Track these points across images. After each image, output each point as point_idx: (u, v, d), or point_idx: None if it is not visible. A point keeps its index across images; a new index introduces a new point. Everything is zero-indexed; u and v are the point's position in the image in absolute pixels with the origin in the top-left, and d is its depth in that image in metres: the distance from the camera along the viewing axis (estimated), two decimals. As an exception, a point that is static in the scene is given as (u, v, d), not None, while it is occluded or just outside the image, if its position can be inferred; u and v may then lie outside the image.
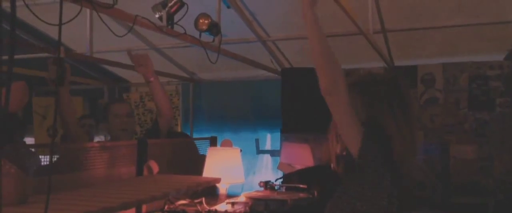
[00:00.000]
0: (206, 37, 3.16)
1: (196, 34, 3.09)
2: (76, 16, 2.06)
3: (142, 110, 5.15)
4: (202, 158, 3.01)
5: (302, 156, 3.47)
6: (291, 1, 3.58)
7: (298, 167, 3.38)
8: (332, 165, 1.87)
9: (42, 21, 1.83)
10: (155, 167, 2.26)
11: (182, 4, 2.88)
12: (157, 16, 2.87)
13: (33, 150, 2.89)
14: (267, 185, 2.82)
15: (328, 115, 1.74)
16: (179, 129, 5.06)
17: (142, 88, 5.22)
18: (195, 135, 4.81)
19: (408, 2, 3.52)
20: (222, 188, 2.85)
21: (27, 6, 1.79)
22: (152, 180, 2.11)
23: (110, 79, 5.30)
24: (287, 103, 3.75)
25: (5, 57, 0.78)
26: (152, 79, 2.97)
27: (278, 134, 4.53)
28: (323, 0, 3.17)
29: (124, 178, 2.15)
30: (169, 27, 2.87)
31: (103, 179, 2.06)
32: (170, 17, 2.88)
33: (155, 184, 1.98)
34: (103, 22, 2.30)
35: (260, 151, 4.70)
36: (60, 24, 1.24)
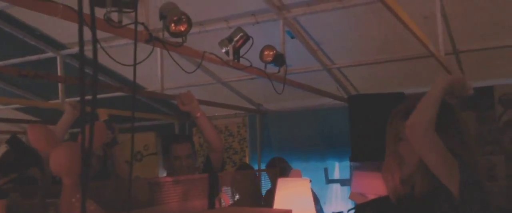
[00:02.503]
0: (272, 68, 3.19)
1: (261, 66, 3.13)
2: (149, 55, 2.16)
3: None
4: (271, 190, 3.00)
5: (374, 185, 3.35)
6: (355, 27, 3.56)
7: (371, 196, 3.27)
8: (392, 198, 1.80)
9: (117, 62, 1.93)
10: (226, 200, 2.27)
11: (247, 38, 2.94)
12: (223, 51, 2.95)
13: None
14: (339, 216, 2.75)
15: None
16: (247, 161, 5.09)
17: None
18: (263, 166, 4.81)
19: (480, 21, 3.38)
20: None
21: (103, 49, 1.89)
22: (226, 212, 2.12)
23: (180, 114, 5.47)
24: (355, 131, 3.67)
25: (87, 97, 0.83)
26: (198, 114, 2.97)
27: (347, 163, 4.42)
28: (391, 24, 3.14)
29: (197, 211, 2.18)
30: (236, 60, 2.94)
31: (177, 212, 2.10)
32: (236, 51, 2.95)
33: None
34: (174, 60, 2.39)
35: (330, 181, 4.61)
36: (134, 64, 1.30)
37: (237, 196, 2.87)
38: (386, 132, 1.80)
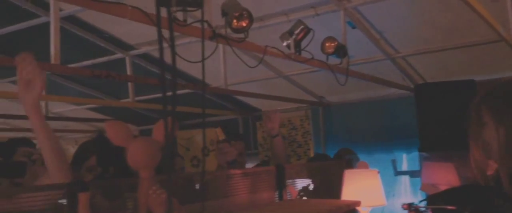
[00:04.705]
0: (333, 60, 3.17)
1: (323, 58, 3.11)
2: (214, 52, 2.22)
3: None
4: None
5: (446, 176, 3.25)
6: (418, 14, 3.45)
7: (443, 187, 3.16)
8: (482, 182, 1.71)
9: (185, 60, 1.99)
10: (293, 192, 2.29)
11: (308, 30, 2.94)
12: (284, 44, 2.95)
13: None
14: (411, 207, 2.68)
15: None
16: (311, 155, 5.08)
17: (274, 116, 5.37)
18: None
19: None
20: (363, 212, 2.78)
21: (170, 47, 1.96)
22: (293, 204, 2.14)
23: (244, 109, 5.54)
24: (423, 121, 3.56)
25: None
26: (276, 134, 3.08)
27: (415, 154, 4.30)
28: (457, 8, 3.02)
29: (266, 203, 2.21)
30: (297, 53, 2.94)
31: (246, 204, 2.14)
32: (297, 44, 2.95)
33: (296, 209, 2.00)
34: (237, 55, 2.43)
35: (398, 173, 4.50)
36: (203, 60, 1.34)
37: (306, 188, 2.88)
38: (458, 120, 1.72)
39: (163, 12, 1.13)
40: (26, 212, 1.49)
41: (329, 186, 3.05)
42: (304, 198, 2.75)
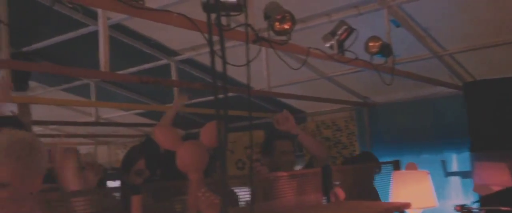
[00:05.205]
0: (377, 59, 3.12)
1: (366, 57, 3.07)
2: (257, 55, 2.23)
3: (319, 139, 5.25)
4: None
5: (499, 176, 3.14)
6: (465, 10, 3.34)
7: (496, 188, 3.06)
8: None
9: (230, 64, 2.01)
10: (341, 194, 2.27)
11: (351, 30, 2.90)
12: (327, 45, 2.93)
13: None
14: (464, 209, 2.60)
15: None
16: (356, 155, 5.02)
17: (317, 117, 5.34)
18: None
19: None
20: (413, 213, 2.72)
21: (215, 52, 1.99)
22: (341, 207, 2.12)
23: (287, 111, 5.53)
24: (474, 120, 3.45)
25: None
26: (297, 132, 3.01)
27: (465, 154, 4.17)
28: (505, 3, 2.91)
29: (313, 205, 2.20)
30: (340, 54, 2.92)
31: (294, 207, 2.14)
32: (340, 44, 2.92)
33: (344, 211, 1.98)
34: (281, 58, 2.43)
35: (449, 174, 4.38)
36: (248, 63, 1.36)
37: (352, 190, 2.84)
38: (511, 119, 1.66)
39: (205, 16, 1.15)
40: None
41: (362, 188, 3.00)
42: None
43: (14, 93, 3.04)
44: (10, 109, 2.78)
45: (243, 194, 2.14)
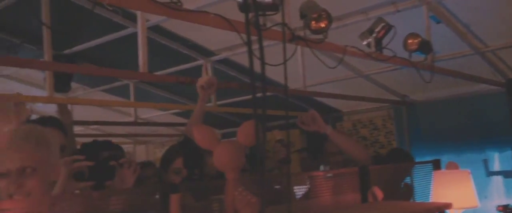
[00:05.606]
0: (416, 57, 3.06)
1: (405, 55, 3.02)
2: (293, 54, 2.22)
3: (356, 138, 5.19)
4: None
5: (546, 176, 3.02)
6: (508, 5, 3.24)
7: (542, 189, 2.94)
8: None
9: (266, 63, 2.01)
10: (379, 194, 2.23)
11: (389, 28, 2.86)
12: (364, 43, 2.90)
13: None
14: (507, 209, 2.53)
15: None
16: (395, 155, 4.93)
17: (354, 116, 5.28)
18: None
19: None
20: (454, 214, 2.65)
21: (252, 52, 2.00)
22: (379, 207, 2.09)
23: (323, 110, 5.50)
24: (518, 118, 3.34)
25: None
26: (327, 132, 2.74)
27: (508, 153, 4.05)
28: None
29: (350, 205, 2.18)
30: (378, 52, 2.87)
31: (331, 206, 2.12)
32: (378, 42, 2.88)
33: (382, 211, 1.95)
34: (317, 57, 2.42)
35: (491, 173, 4.25)
36: (285, 62, 1.36)
37: (388, 190, 2.80)
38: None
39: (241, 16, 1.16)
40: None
41: (393, 187, 2.93)
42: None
43: (56, 94, 3.13)
44: (55, 110, 2.87)
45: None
